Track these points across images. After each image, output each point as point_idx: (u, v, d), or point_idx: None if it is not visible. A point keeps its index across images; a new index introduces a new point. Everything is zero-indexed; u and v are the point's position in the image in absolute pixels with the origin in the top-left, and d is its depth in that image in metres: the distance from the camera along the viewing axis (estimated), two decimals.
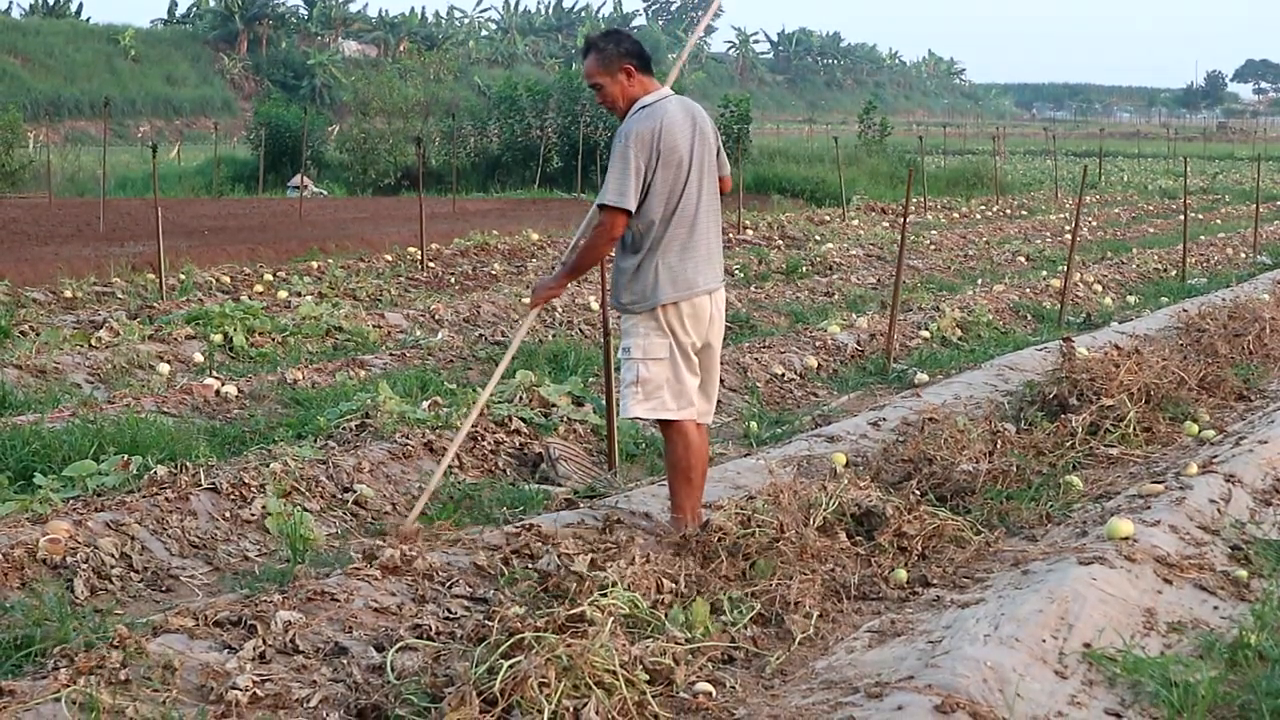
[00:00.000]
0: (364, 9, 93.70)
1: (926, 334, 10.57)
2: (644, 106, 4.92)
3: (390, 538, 5.04)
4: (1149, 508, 5.34)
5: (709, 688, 3.78)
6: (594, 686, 3.50)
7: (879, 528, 5.08)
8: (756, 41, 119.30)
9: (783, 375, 8.95)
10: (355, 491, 5.96)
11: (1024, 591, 4.38)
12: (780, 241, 18.49)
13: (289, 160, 31.52)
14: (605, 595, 4.10)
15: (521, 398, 7.24)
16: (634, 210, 4.87)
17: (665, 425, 5.09)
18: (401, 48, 71.88)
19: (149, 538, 5.15)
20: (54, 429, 6.43)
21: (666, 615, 4.19)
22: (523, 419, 6.98)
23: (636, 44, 5.04)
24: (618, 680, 3.54)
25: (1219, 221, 24.55)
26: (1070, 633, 4.07)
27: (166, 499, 5.41)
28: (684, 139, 4.92)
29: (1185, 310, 10.89)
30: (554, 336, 10.14)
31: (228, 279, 13.06)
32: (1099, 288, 13.83)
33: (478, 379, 8.55)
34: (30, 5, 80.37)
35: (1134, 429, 6.98)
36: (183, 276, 12.82)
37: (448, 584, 4.52)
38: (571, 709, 3.44)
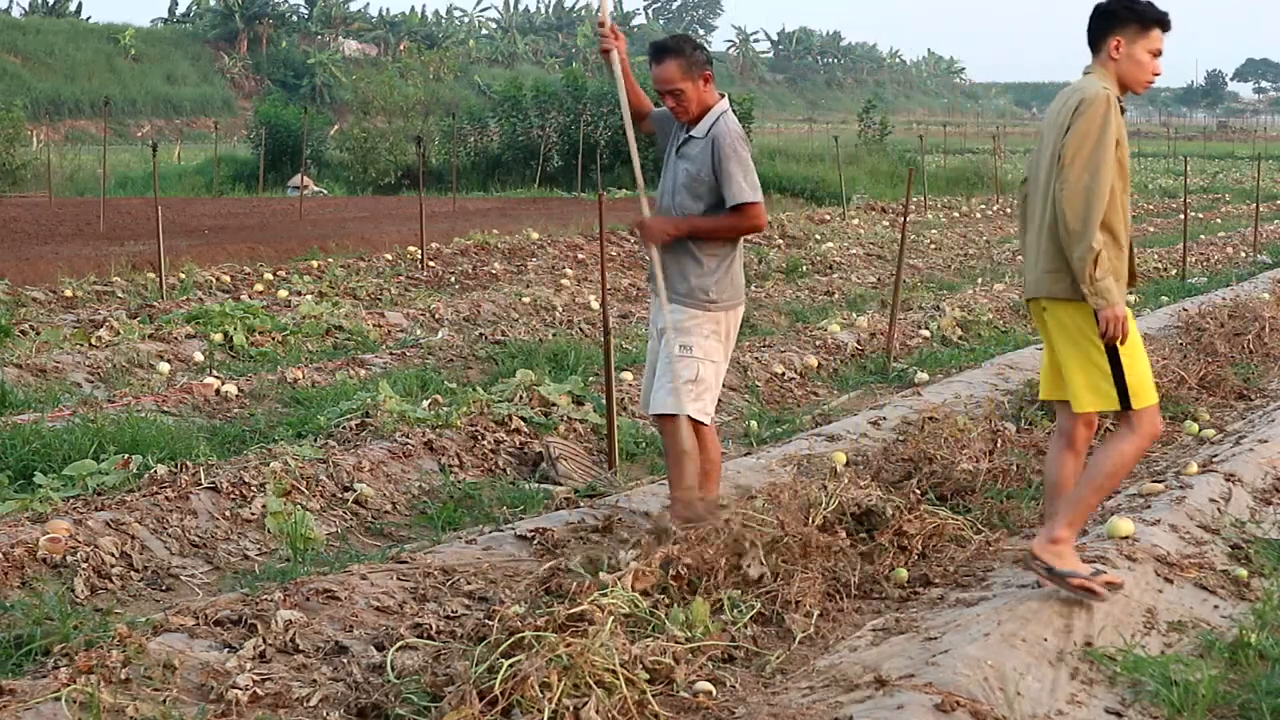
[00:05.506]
0: (364, 8, 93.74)
1: (927, 333, 10.56)
2: (724, 112, 5.04)
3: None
4: (1149, 507, 5.35)
5: (709, 687, 3.79)
6: (594, 685, 3.50)
7: (879, 527, 5.08)
8: (757, 40, 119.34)
9: (783, 374, 8.95)
10: (355, 490, 5.96)
11: (1024, 590, 4.38)
12: (780, 240, 18.48)
13: (289, 159, 31.50)
14: (605, 594, 4.10)
15: (521, 396, 7.24)
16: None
17: (668, 420, 5.05)
18: (402, 47, 71.90)
19: (149, 537, 5.15)
20: (54, 428, 6.43)
21: (667, 614, 4.19)
22: (523, 418, 6.98)
23: (707, 50, 5.17)
24: (618, 679, 3.54)
25: (1219, 221, 24.53)
26: (1071, 631, 4.08)
27: (166, 498, 5.41)
28: None
29: (1185, 309, 10.88)
30: (554, 336, 10.13)
31: (228, 278, 13.06)
32: None
33: (478, 378, 8.56)
34: (30, 4, 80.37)
35: None
36: (183, 275, 12.82)
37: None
38: (572, 708, 3.44)
